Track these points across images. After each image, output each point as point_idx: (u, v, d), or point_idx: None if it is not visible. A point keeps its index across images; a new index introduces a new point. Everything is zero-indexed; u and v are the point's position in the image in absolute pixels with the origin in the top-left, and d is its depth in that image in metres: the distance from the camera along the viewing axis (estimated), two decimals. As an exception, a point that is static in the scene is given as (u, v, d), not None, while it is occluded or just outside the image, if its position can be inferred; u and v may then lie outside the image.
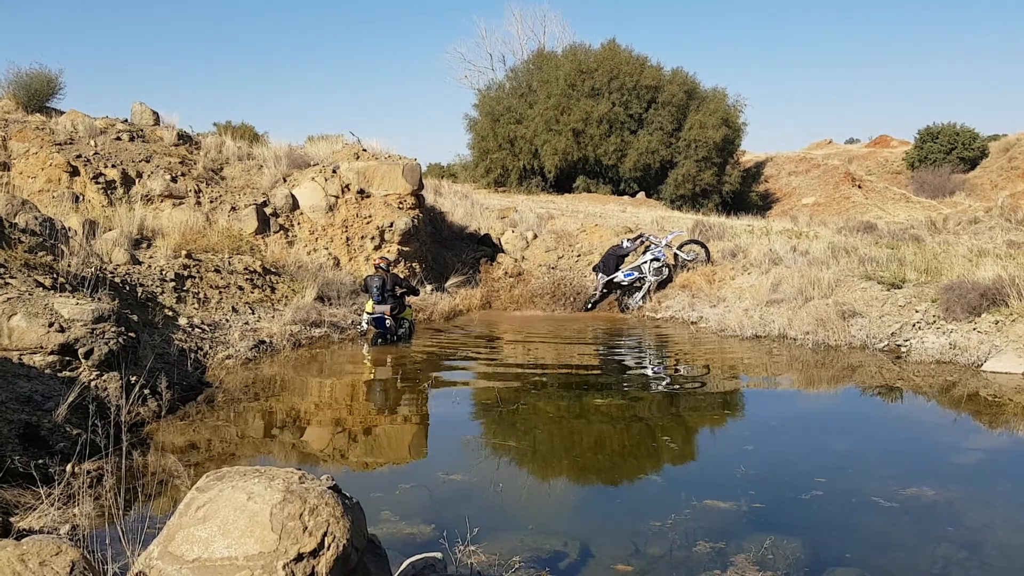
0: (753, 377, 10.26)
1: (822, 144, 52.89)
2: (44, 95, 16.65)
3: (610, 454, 6.71)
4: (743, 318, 13.21)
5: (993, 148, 42.37)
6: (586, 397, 8.75)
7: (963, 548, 4.50)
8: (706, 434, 7.46)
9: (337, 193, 16.11)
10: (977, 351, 9.92)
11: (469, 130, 40.51)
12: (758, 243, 18.15)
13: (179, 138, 16.84)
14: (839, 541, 4.67)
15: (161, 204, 14.62)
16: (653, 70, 37.42)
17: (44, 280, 8.43)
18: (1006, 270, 11.30)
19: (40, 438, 5.70)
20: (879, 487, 5.49)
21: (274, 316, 11.89)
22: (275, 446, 6.75)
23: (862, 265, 14.34)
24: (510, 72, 41.98)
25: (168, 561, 2.73)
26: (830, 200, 39.18)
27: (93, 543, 3.53)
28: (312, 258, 15.05)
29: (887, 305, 12.17)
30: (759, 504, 5.17)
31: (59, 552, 2.45)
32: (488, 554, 4.31)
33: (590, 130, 35.89)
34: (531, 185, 37.32)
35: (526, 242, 19.46)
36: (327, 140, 19.58)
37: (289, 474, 2.99)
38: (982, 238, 17.95)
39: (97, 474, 5.29)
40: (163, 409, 7.18)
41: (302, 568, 2.67)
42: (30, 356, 6.86)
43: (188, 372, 8.75)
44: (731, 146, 38.52)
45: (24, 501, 4.57)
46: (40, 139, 14.83)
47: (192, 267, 12.08)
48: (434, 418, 8.18)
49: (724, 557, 4.35)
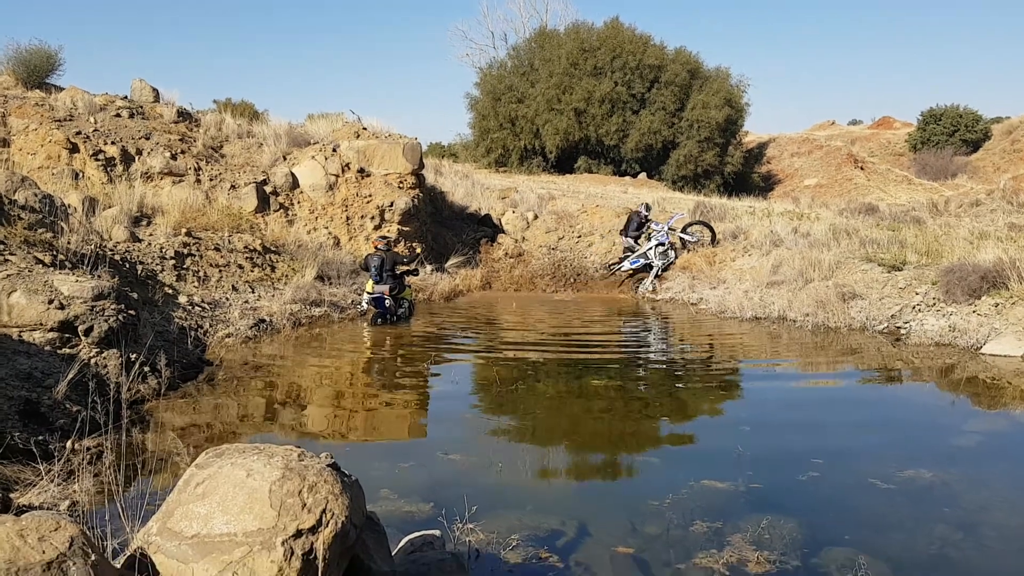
0: (752, 359, 10.27)
1: (825, 125, 52.68)
2: (43, 71, 16.57)
3: (608, 434, 6.73)
4: (743, 300, 13.21)
5: (996, 130, 42.22)
6: (585, 378, 8.77)
7: (960, 529, 4.52)
8: (704, 415, 7.48)
9: (337, 172, 16.06)
10: (976, 334, 9.93)
11: (470, 109, 40.36)
12: (759, 225, 18.13)
13: (179, 115, 16.78)
14: (836, 522, 4.69)
15: (161, 182, 14.58)
16: (656, 49, 37.18)
17: (44, 257, 8.42)
18: (1007, 253, 11.29)
19: (40, 415, 5.71)
20: (877, 468, 5.50)
21: (274, 295, 11.89)
22: (274, 424, 6.77)
23: (863, 247, 14.32)
24: (512, 50, 41.72)
25: (167, 537, 2.74)
26: (832, 182, 39.07)
27: (93, 519, 3.55)
28: (312, 237, 15.02)
29: (887, 287, 12.17)
30: (756, 484, 5.18)
31: (58, 528, 2.46)
32: (486, 532, 4.33)
33: (592, 110, 35.72)
34: (532, 165, 37.18)
35: (527, 223, 19.42)
36: (327, 118, 19.51)
37: (288, 451, 2.99)
38: (983, 221, 17.91)
39: (97, 451, 5.30)
40: (163, 387, 7.19)
41: (301, 544, 2.68)
42: (30, 333, 6.86)
43: (188, 350, 8.75)
44: (734, 127, 38.37)
45: (24, 477, 4.58)
46: (40, 115, 14.76)
47: (192, 245, 12.07)
48: (433, 398, 8.19)
49: (721, 537, 4.37)
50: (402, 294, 12.49)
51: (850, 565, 4.02)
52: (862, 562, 4.01)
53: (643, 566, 4.09)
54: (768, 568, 4.04)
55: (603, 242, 18.33)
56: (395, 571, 3.26)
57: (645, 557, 4.18)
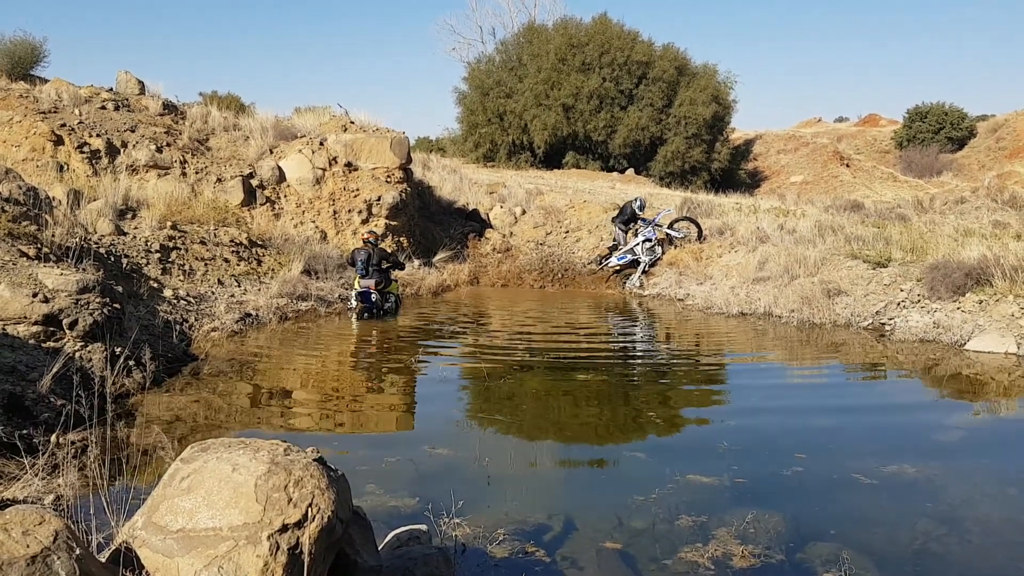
0: (737, 354, 10.32)
1: (811, 122, 52.86)
2: (28, 63, 16.43)
3: (595, 429, 6.75)
4: (729, 296, 13.27)
5: (981, 128, 42.49)
6: (572, 373, 8.78)
7: (943, 524, 4.56)
8: (689, 410, 7.50)
9: (324, 166, 16.00)
10: (960, 330, 10.01)
11: (458, 104, 40.27)
12: (746, 221, 18.20)
13: (164, 108, 16.66)
14: (820, 516, 4.72)
15: (146, 174, 14.49)
16: (644, 45, 37.20)
17: (28, 250, 8.36)
18: (991, 250, 11.38)
19: (24, 408, 5.68)
20: (860, 464, 5.54)
21: (260, 289, 11.85)
22: (260, 418, 6.75)
23: (848, 244, 14.40)
24: (500, 45, 41.60)
25: (152, 531, 2.73)
26: (818, 179, 39.26)
27: (77, 513, 3.53)
28: (299, 231, 14.97)
29: (872, 284, 12.24)
30: (741, 479, 5.21)
31: (43, 522, 2.45)
32: (473, 527, 4.34)
33: (580, 105, 35.71)
34: (520, 160, 37.14)
35: (515, 218, 19.42)
36: (314, 112, 19.42)
37: (274, 446, 2.99)
38: (968, 218, 18.04)
39: (81, 445, 5.27)
40: (148, 381, 7.16)
41: (287, 539, 2.68)
42: (14, 326, 6.81)
43: (173, 344, 8.71)
44: (721, 123, 38.48)
45: (8, 471, 4.56)
46: (24, 107, 14.63)
47: (177, 238, 12.00)
48: (420, 392, 8.19)
49: (706, 531, 4.39)
50: (388, 288, 12.48)
51: (834, 559, 4.05)
52: (846, 556, 4.04)
53: (629, 560, 4.11)
54: (753, 562, 4.06)
55: (591, 238, 18.35)
56: (381, 566, 3.27)
57: (631, 552, 4.19)
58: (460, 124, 40.71)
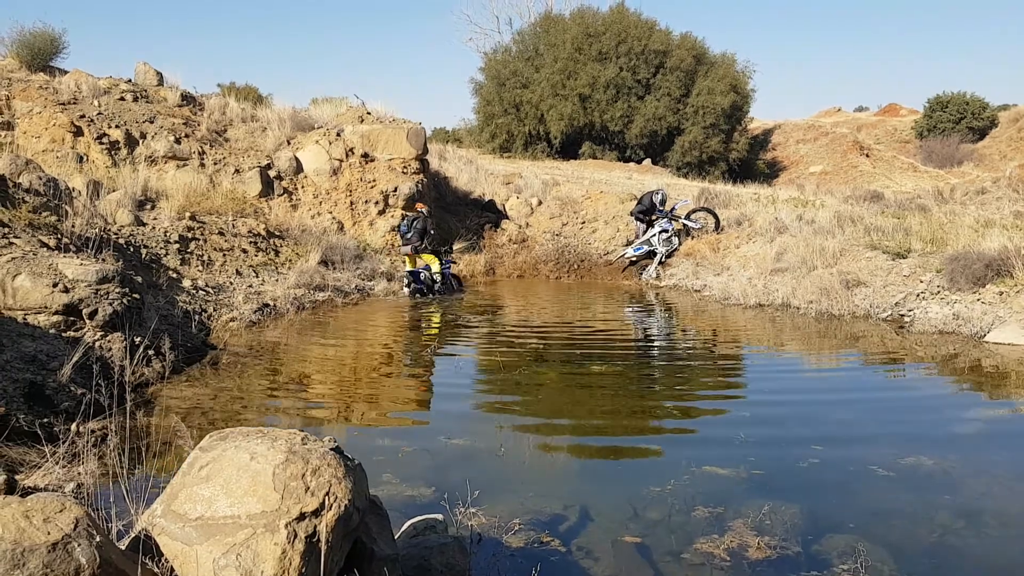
0: (755, 346, 10.27)
1: (831, 112, 52.42)
2: (47, 54, 16.53)
3: (611, 420, 6.74)
4: (747, 287, 13.20)
5: (1003, 118, 42.00)
6: (588, 364, 8.78)
7: (960, 517, 4.52)
8: (706, 401, 7.48)
9: (341, 157, 16.04)
10: (980, 322, 9.91)
11: (475, 94, 40.18)
12: (764, 211, 18.08)
13: (183, 99, 16.75)
14: (837, 508, 4.70)
15: (165, 165, 14.58)
16: (661, 34, 36.96)
17: (48, 240, 8.44)
18: (1012, 241, 11.26)
19: (45, 397, 5.74)
20: (878, 456, 5.51)
21: (278, 279, 11.91)
22: (278, 408, 6.79)
23: (867, 234, 14.28)
24: (516, 35, 41.50)
25: (171, 519, 2.76)
26: (837, 169, 38.93)
27: (97, 501, 3.56)
28: (316, 222, 15.03)
29: (891, 275, 12.14)
30: (758, 471, 5.20)
31: (63, 509, 2.48)
32: (488, 516, 4.35)
33: (596, 95, 35.56)
34: (536, 151, 37.05)
35: (531, 208, 19.39)
36: (331, 103, 19.46)
37: (292, 435, 3.01)
38: (989, 209, 17.85)
39: (101, 433, 5.33)
40: (167, 370, 7.22)
41: (304, 527, 2.70)
42: (35, 316, 6.89)
43: (192, 334, 8.78)
44: (739, 113, 38.20)
45: (29, 459, 4.61)
46: (44, 98, 14.75)
47: (196, 229, 12.08)
48: (436, 383, 8.21)
49: (722, 522, 4.39)
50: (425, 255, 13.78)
51: (850, 552, 4.03)
52: (862, 549, 4.02)
53: (644, 551, 4.11)
54: (769, 554, 4.05)
55: (607, 228, 18.29)
56: (398, 554, 3.28)
57: (647, 542, 4.19)
58: (476, 115, 40.65)
